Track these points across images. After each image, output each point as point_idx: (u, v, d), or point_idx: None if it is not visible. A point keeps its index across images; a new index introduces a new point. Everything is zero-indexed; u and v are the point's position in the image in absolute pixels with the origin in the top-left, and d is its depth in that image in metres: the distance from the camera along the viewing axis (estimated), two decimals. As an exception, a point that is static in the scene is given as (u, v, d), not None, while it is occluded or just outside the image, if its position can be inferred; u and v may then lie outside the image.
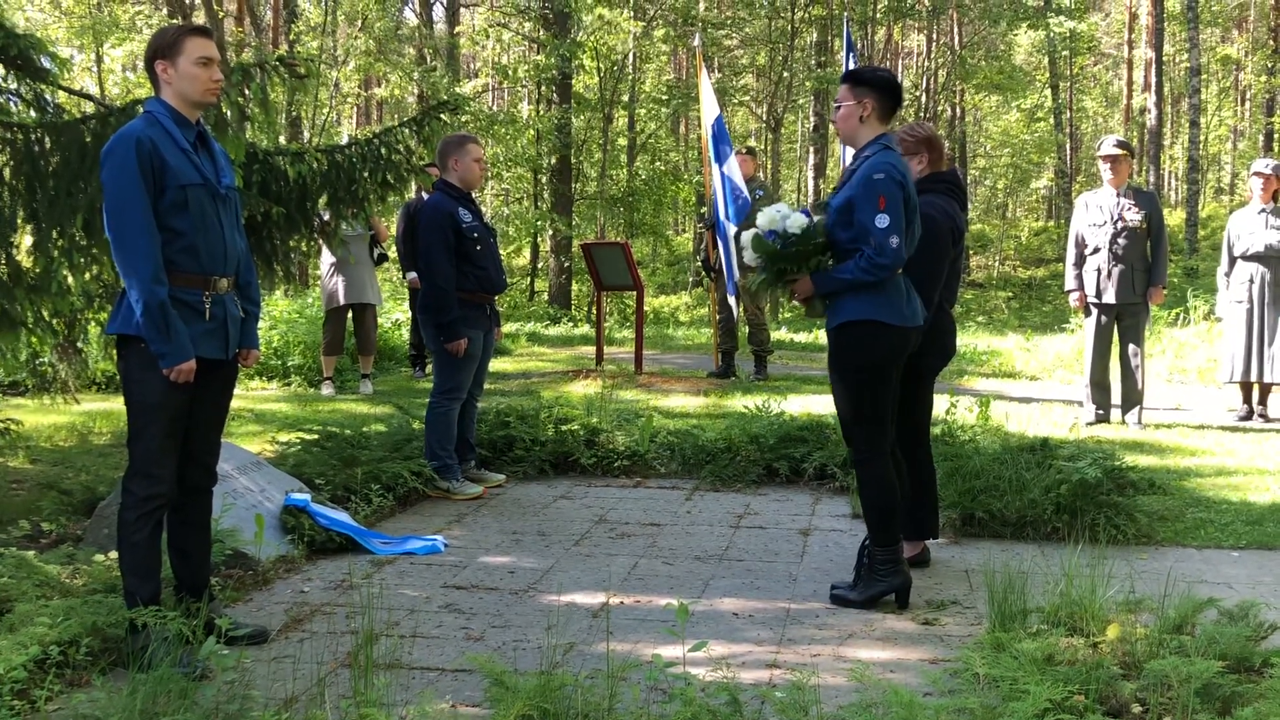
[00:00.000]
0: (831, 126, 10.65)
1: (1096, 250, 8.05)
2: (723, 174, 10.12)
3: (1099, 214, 8.06)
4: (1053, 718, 2.90)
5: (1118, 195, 8.03)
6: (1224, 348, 8.92)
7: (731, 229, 9.92)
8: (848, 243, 4.33)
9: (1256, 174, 8.64)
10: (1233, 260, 8.64)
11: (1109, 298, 8.01)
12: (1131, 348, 8.13)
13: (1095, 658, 3.34)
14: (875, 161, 4.32)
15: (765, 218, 4.43)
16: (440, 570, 4.99)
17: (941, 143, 5.07)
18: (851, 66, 10.27)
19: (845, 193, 4.37)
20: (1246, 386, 8.71)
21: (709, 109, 10.69)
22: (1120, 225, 7.94)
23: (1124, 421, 8.17)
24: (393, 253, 11.34)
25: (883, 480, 4.48)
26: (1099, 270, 8.04)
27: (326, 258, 10.00)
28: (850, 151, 4.60)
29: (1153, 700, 3.09)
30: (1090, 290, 8.12)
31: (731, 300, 10.06)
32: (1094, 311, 8.17)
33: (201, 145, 3.81)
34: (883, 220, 4.22)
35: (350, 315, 10.39)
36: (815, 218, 4.48)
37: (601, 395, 9.06)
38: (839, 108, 4.47)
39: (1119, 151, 8.05)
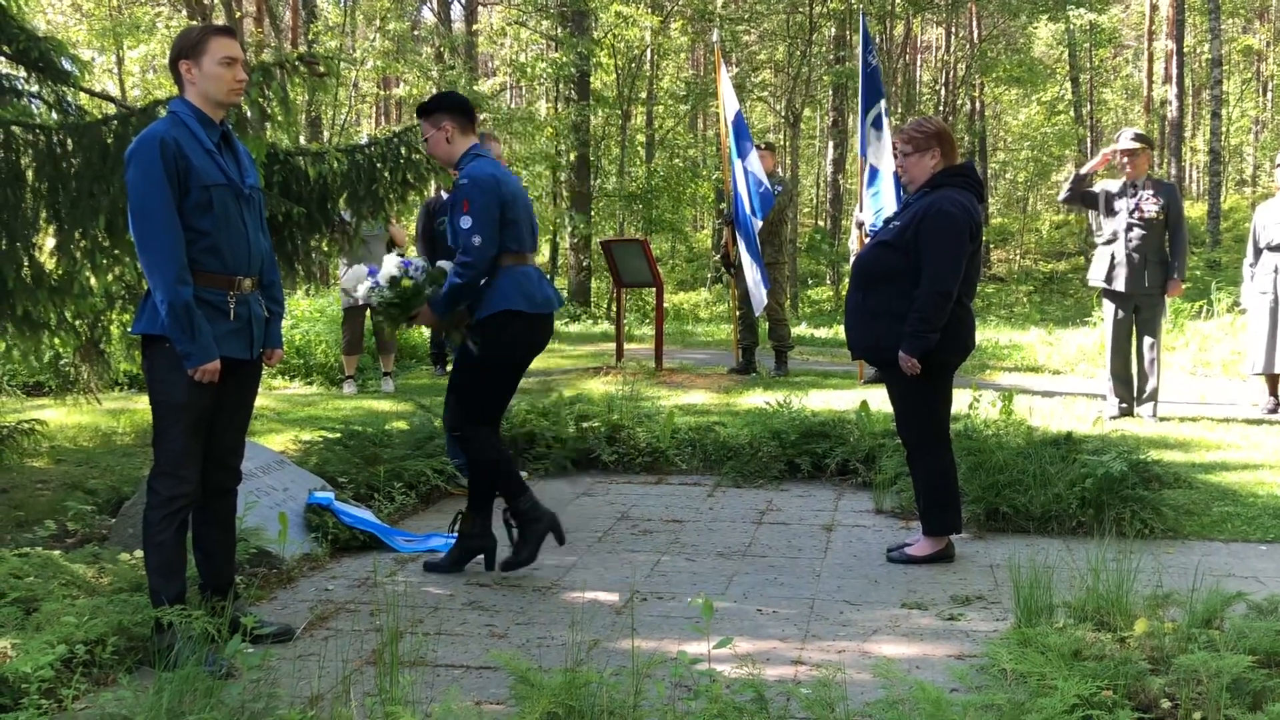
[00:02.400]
0: (850, 120, 10.62)
1: (1112, 239, 7.98)
2: (745, 169, 10.08)
3: (1116, 203, 7.99)
4: (1081, 713, 2.87)
5: (1136, 187, 7.96)
6: (1249, 340, 8.84)
7: (757, 224, 9.89)
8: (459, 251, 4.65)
9: (1280, 166, 8.57)
10: (1258, 252, 8.57)
11: (1119, 285, 7.93)
12: (1148, 340, 8.07)
13: (1123, 653, 3.31)
14: (464, 170, 4.66)
15: (351, 279, 4.83)
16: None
17: (953, 136, 5.05)
18: (873, 61, 10.25)
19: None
20: (1272, 379, 8.64)
21: (729, 104, 10.65)
22: (1137, 216, 7.88)
23: (1138, 414, 8.11)
24: (411, 253, 11.35)
25: (487, 458, 4.77)
26: (1112, 257, 7.96)
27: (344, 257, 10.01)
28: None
29: (1182, 695, 3.07)
30: (1101, 277, 8.03)
31: (764, 292, 9.98)
32: (1110, 305, 8.11)
33: (225, 145, 3.82)
34: (466, 222, 4.54)
35: (368, 314, 10.40)
36: (414, 264, 4.80)
37: (622, 392, 9.06)
38: (426, 140, 4.81)
39: (1137, 145, 7.99)
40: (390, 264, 4.75)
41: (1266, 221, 8.51)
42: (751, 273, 9.95)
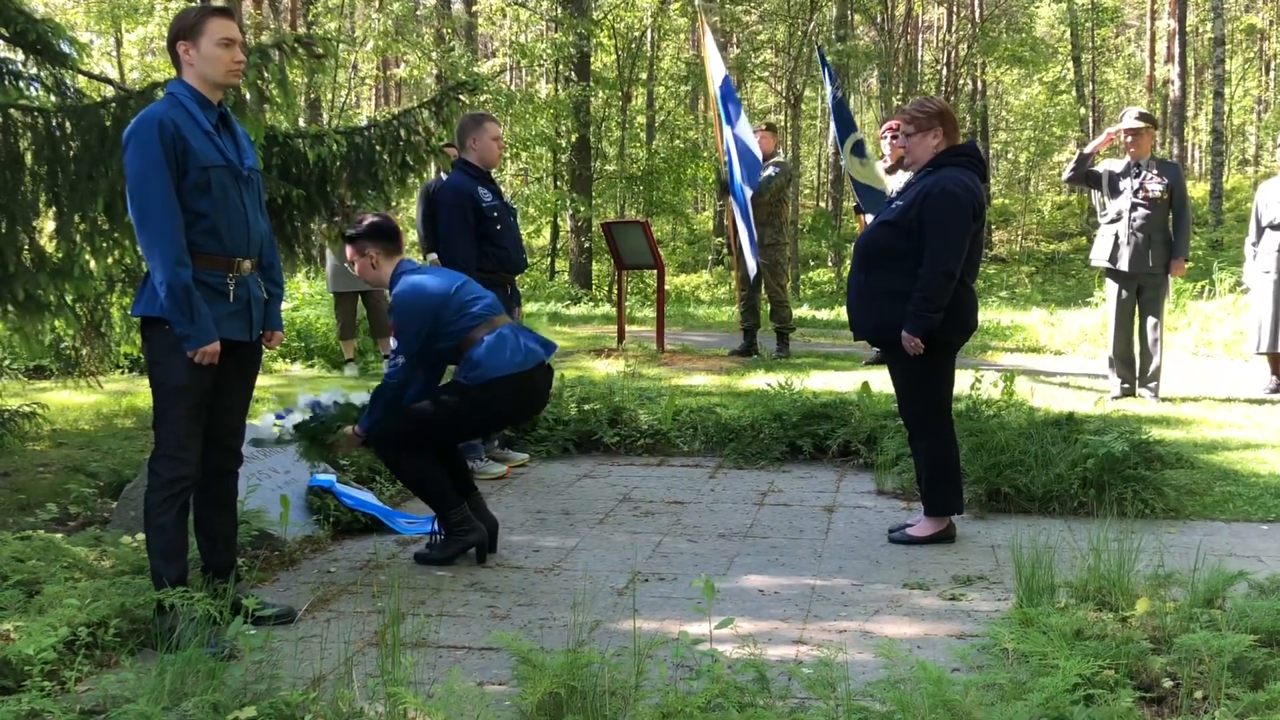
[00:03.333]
0: (852, 100, 10.52)
1: (1116, 219, 7.96)
2: (735, 135, 9.90)
3: (1120, 183, 7.97)
4: (1083, 693, 2.88)
5: (1140, 166, 7.93)
6: (1251, 319, 8.82)
7: (748, 191, 9.78)
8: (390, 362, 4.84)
9: (1282, 145, 8.54)
10: (1260, 231, 8.55)
11: (1123, 265, 7.91)
12: (1151, 320, 8.05)
13: (1125, 632, 3.31)
14: (393, 294, 4.77)
15: (264, 423, 5.02)
16: (465, 549, 5.00)
17: (954, 115, 5.02)
18: (838, 93, 10.09)
19: None
20: (1275, 358, 8.62)
21: (715, 70, 10.52)
22: (1141, 196, 7.85)
23: (1140, 395, 8.11)
24: (412, 235, 11.31)
25: (413, 479, 4.80)
26: (1116, 237, 7.94)
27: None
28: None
29: (1184, 675, 3.07)
30: (1105, 257, 8.01)
31: (752, 263, 9.90)
32: (1114, 285, 8.10)
33: (224, 127, 3.81)
34: (394, 343, 4.73)
35: (360, 298, 10.38)
36: (324, 403, 5.03)
37: (623, 374, 9.05)
38: (353, 264, 4.94)
39: (1141, 125, 7.95)
40: (300, 406, 4.94)
41: (1269, 200, 8.48)
42: (744, 240, 9.83)
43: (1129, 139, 7.97)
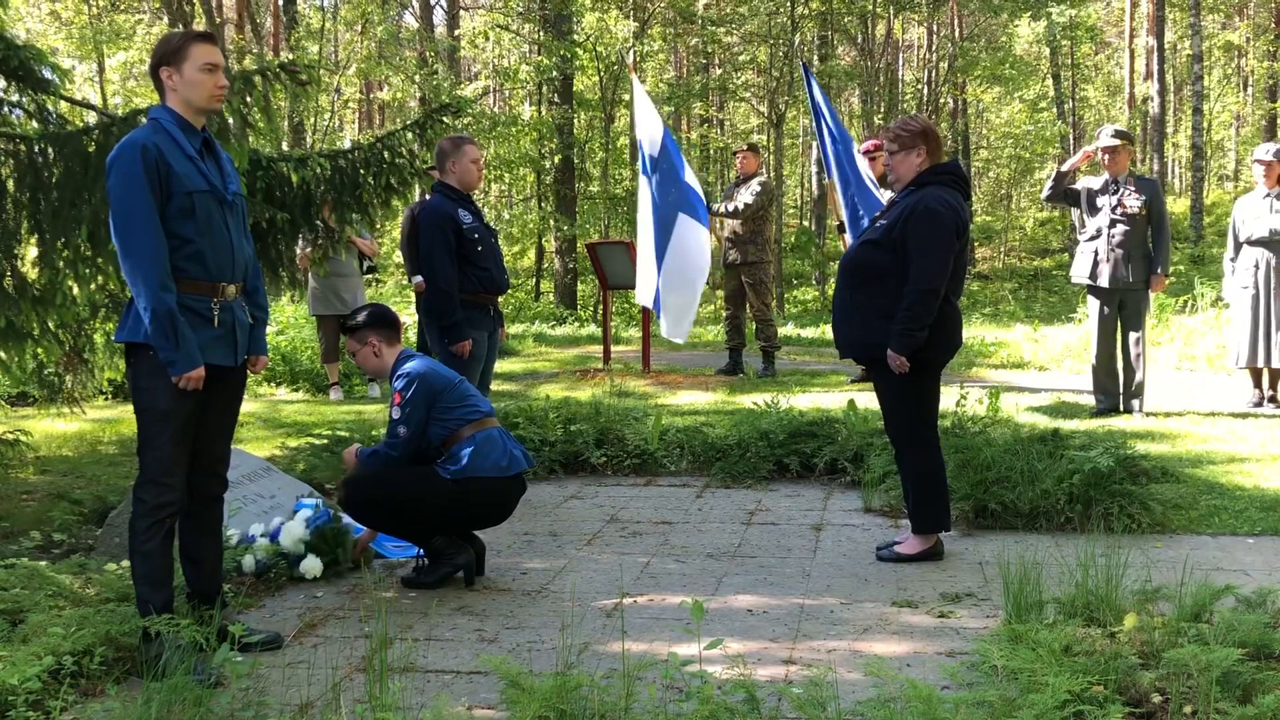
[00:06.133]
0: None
1: (1095, 235, 8.01)
2: (685, 184, 9.50)
3: (1098, 199, 8.03)
4: (1073, 709, 2.88)
5: (1118, 183, 7.99)
6: (1232, 334, 8.88)
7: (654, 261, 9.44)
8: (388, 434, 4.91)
9: (1258, 161, 8.61)
10: (1238, 246, 8.61)
11: (1103, 281, 7.96)
12: (1133, 336, 8.09)
13: (1113, 648, 3.32)
14: (400, 370, 4.81)
15: (288, 538, 4.91)
16: (452, 573, 4.98)
17: (938, 133, 5.05)
18: (820, 106, 9.97)
19: None
20: (1256, 372, 8.67)
21: (644, 127, 9.83)
22: (1119, 212, 7.90)
23: (1126, 410, 8.14)
24: (397, 258, 11.30)
25: (391, 524, 4.84)
26: (1096, 254, 7.99)
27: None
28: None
29: (1172, 689, 3.07)
30: (1085, 274, 8.06)
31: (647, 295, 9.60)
32: (1095, 302, 8.14)
33: (207, 152, 3.81)
34: (396, 413, 4.74)
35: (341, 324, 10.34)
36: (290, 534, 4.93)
37: (609, 394, 9.05)
38: (354, 355, 5.01)
39: (1117, 142, 8.02)
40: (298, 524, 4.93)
41: (1246, 216, 8.55)
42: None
43: (1106, 156, 8.03)
